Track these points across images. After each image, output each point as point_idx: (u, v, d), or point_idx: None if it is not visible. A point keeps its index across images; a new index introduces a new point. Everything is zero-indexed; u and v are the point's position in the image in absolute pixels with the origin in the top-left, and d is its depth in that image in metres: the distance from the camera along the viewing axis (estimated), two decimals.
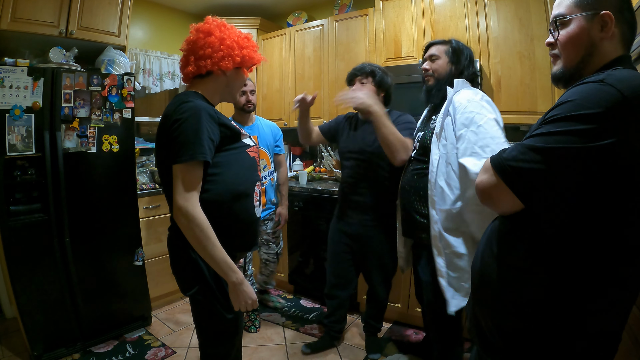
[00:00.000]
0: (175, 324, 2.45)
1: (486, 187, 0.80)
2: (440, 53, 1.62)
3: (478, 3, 2.22)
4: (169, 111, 1.13)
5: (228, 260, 1.11)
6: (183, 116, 1.08)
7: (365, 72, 1.85)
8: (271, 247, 2.39)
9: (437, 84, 1.61)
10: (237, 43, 1.21)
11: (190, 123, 1.07)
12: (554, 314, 0.75)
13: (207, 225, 1.08)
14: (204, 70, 1.19)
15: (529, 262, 0.78)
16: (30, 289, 1.92)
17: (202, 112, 1.09)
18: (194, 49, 1.19)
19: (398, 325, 2.37)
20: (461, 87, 1.52)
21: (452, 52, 1.60)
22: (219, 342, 1.24)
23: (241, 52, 1.21)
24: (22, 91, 1.86)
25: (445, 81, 1.58)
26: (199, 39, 1.18)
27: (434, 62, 1.63)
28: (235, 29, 1.24)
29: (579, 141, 0.67)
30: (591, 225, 0.72)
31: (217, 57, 1.17)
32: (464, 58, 1.58)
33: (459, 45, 1.60)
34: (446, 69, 1.60)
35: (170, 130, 1.09)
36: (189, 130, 1.06)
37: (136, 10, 2.80)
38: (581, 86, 0.72)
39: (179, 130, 1.07)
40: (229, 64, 1.19)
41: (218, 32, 1.19)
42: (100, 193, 2.16)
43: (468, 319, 0.99)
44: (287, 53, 3.17)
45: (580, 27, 0.79)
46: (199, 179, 1.09)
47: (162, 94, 3.20)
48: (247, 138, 1.29)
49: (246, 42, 1.24)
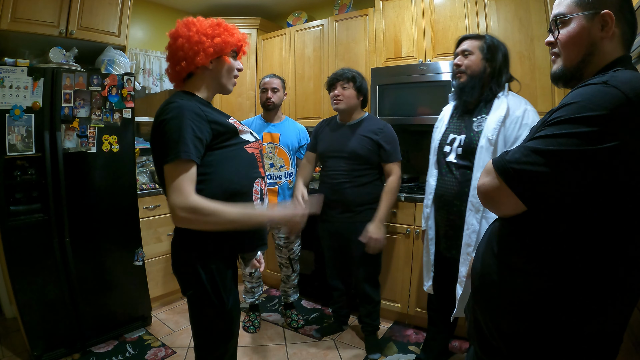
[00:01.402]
0: (175, 324, 2.45)
1: (488, 189, 0.80)
2: (473, 48, 1.53)
3: (478, 3, 2.22)
4: (157, 113, 1.14)
5: (247, 213, 1.12)
6: (167, 117, 1.08)
7: (347, 77, 1.96)
8: (282, 252, 2.37)
9: (471, 81, 1.52)
10: (205, 35, 1.18)
11: (174, 123, 1.06)
12: (555, 316, 0.75)
13: (208, 205, 1.05)
14: (184, 73, 1.20)
15: (530, 264, 0.78)
16: (30, 288, 1.91)
17: (186, 111, 1.08)
18: (170, 57, 1.21)
19: (398, 325, 2.37)
20: (506, 91, 1.49)
21: (486, 48, 1.51)
22: (213, 345, 1.23)
23: (213, 41, 1.18)
24: (22, 91, 1.86)
25: (479, 79, 1.51)
26: (170, 45, 1.20)
27: (466, 57, 1.54)
28: (203, 21, 1.21)
29: (583, 144, 0.66)
30: (594, 228, 0.72)
31: (189, 57, 1.17)
32: (500, 55, 1.51)
33: (494, 42, 1.52)
34: (480, 66, 1.52)
35: (158, 132, 1.10)
36: (173, 130, 1.06)
37: (136, 10, 2.80)
38: (585, 88, 0.71)
39: (164, 131, 1.07)
40: (202, 58, 1.17)
41: (185, 31, 1.18)
42: (100, 193, 2.16)
43: (468, 321, 0.99)
44: (287, 53, 3.16)
45: (580, 26, 0.79)
46: (188, 178, 1.06)
47: (162, 94, 3.20)
48: (247, 134, 1.26)
49: (217, 30, 1.20)
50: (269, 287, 3.05)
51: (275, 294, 2.90)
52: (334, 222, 2.04)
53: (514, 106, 1.44)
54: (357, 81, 1.97)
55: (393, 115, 2.48)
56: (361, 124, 2.01)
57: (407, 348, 2.13)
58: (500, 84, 1.51)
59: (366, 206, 1.97)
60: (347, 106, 1.98)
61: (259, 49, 3.32)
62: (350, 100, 1.98)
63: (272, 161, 2.22)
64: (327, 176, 2.05)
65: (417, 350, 2.09)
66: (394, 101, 2.49)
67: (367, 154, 1.95)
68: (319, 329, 2.31)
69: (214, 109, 1.21)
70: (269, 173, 2.18)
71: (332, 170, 2.03)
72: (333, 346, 2.18)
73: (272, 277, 2.99)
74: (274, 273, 2.89)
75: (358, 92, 1.99)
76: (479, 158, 1.46)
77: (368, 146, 1.94)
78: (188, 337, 2.27)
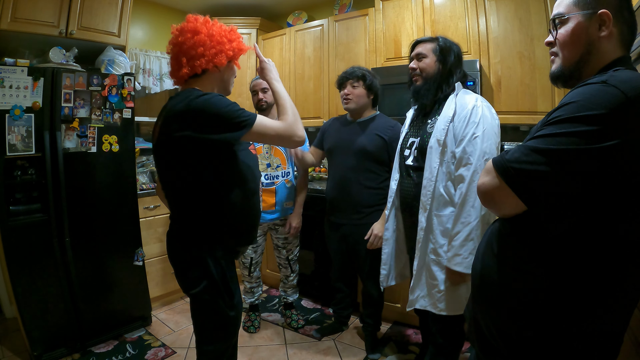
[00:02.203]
0: (175, 324, 2.45)
1: (488, 189, 0.79)
2: (427, 51, 1.55)
3: (478, 3, 2.22)
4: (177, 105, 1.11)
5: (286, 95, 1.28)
6: (212, 100, 1.09)
7: (357, 76, 1.94)
8: (281, 252, 2.37)
9: (426, 84, 1.55)
10: (226, 37, 1.21)
11: (224, 101, 1.11)
12: (555, 316, 0.75)
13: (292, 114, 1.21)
14: (200, 69, 1.18)
15: (531, 264, 0.78)
16: (30, 288, 1.92)
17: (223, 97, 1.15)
18: (184, 50, 1.18)
19: (398, 325, 2.37)
20: (459, 90, 1.50)
21: (439, 50, 1.53)
22: (218, 339, 1.25)
23: (231, 45, 1.22)
24: (22, 91, 1.86)
25: (434, 81, 1.54)
26: (187, 39, 1.17)
27: (420, 60, 1.56)
28: (219, 24, 1.23)
29: (583, 143, 0.66)
30: (595, 227, 0.72)
31: (211, 55, 1.17)
32: (452, 56, 1.52)
33: (446, 43, 1.53)
34: (434, 68, 1.54)
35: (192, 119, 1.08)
36: (227, 104, 1.11)
37: (136, 10, 2.80)
38: (584, 87, 0.71)
39: (218, 108, 1.09)
40: (222, 59, 1.19)
41: (205, 29, 1.18)
42: (100, 193, 2.16)
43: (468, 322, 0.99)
44: (287, 53, 3.17)
45: (578, 25, 0.79)
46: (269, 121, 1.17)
47: (162, 94, 3.20)
48: None
49: (233, 35, 1.24)
50: (268, 287, 3.05)
51: (275, 294, 2.90)
52: (343, 225, 2.02)
53: (461, 105, 1.43)
54: (367, 79, 1.95)
55: (393, 115, 2.47)
56: (372, 122, 1.99)
57: (407, 348, 2.13)
58: (450, 84, 1.52)
59: (375, 207, 1.94)
60: (357, 105, 1.97)
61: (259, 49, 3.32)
62: (360, 99, 1.96)
63: (268, 161, 2.21)
64: (335, 172, 2.04)
65: (417, 350, 2.09)
66: (394, 101, 2.49)
67: (377, 151, 1.92)
68: (319, 329, 2.32)
69: None
70: (267, 173, 2.17)
71: (340, 166, 2.01)
72: (333, 346, 2.18)
73: (272, 277, 2.99)
74: (274, 273, 2.89)
75: (368, 91, 1.97)
76: (429, 159, 1.48)
77: (378, 143, 1.92)
78: (188, 337, 2.27)
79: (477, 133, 1.37)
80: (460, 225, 1.38)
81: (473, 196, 1.35)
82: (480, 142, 1.36)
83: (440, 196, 1.47)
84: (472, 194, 1.35)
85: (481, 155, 1.35)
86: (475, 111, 1.40)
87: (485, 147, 1.36)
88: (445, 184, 1.46)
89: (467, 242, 1.37)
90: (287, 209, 2.26)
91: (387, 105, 2.51)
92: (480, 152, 1.36)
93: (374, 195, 1.94)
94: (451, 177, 1.45)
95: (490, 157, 1.31)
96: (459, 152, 1.40)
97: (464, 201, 1.38)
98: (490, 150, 1.36)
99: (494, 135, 1.39)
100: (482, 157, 1.35)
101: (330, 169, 2.10)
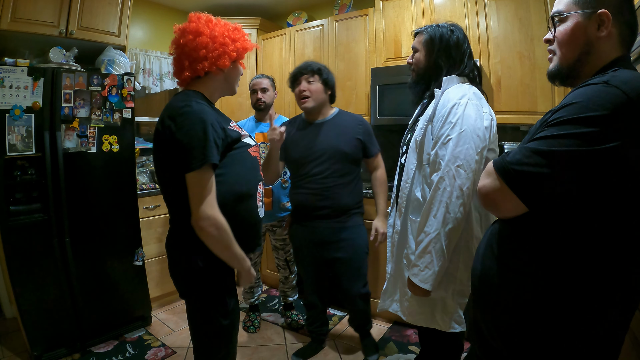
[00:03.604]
0: (175, 324, 2.45)
1: (489, 191, 0.79)
2: (418, 44, 1.41)
3: (478, 3, 2.22)
4: (170, 113, 1.09)
5: (242, 253, 1.13)
6: (187, 120, 1.04)
7: (312, 69, 1.81)
8: (279, 253, 2.36)
9: (417, 78, 1.43)
10: (229, 38, 1.17)
11: (196, 128, 1.03)
12: (555, 317, 0.75)
13: (227, 226, 1.07)
14: (202, 72, 1.16)
15: (530, 265, 0.78)
16: (30, 289, 1.92)
17: (207, 115, 1.06)
18: (186, 52, 1.15)
19: (398, 325, 2.37)
20: (448, 85, 1.31)
21: (425, 42, 1.38)
22: (214, 347, 1.22)
23: (235, 45, 1.18)
24: (22, 91, 1.86)
25: (423, 76, 1.40)
26: (189, 41, 1.13)
27: (414, 54, 1.43)
28: (222, 22, 1.20)
29: (584, 144, 0.66)
30: (595, 229, 0.71)
31: (214, 57, 1.14)
32: (436, 46, 1.34)
33: (435, 32, 1.36)
34: (423, 62, 1.39)
35: (173, 136, 1.05)
36: (196, 135, 1.03)
37: (136, 10, 2.80)
38: (585, 88, 0.71)
39: (187, 135, 1.03)
40: (226, 61, 1.16)
41: (207, 29, 1.14)
42: (100, 193, 2.16)
43: (468, 323, 0.98)
44: (287, 53, 3.16)
45: (576, 24, 0.79)
46: (213, 182, 1.07)
47: (162, 94, 3.20)
48: (248, 137, 1.26)
49: (237, 34, 1.20)
50: (268, 287, 3.05)
51: (275, 294, 2.89)
52: (322, 232, 1.84)
53: (443, 103, 1.27)
54: (323, 74, 1.81)
55: (393, 115, 2.49)
56: (336, 120, 1.86)
57: (407, 348, 2.13)
58: (438, 78, 1.36)
59: (355, 209, 1.86)
60: (316, 102, 1.81)
61: (259, 49, 3.32)
62: (319, 95, 1.81)
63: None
64: (311, 182, 1.82)
65: (417, 350, 2.08)
66: (394, 101, 2.49)
67: (354, 151, 1.82)
68: (299, 352, 2.07)
69: (220, 113, 1.21)
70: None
71: (316, 175, 1.81)
72: (333, 346, 2.18)
73: (272, 277, 2.98)
74: (274, 273, 2.89)
75: (325, 86, 1.82)
76: (407, 160, 1.40)
77: (353, 143, 1.82)
78: (188, 337, 2.27)
79: (452, 135, 1.19)
80: (422, 235, 1.24)
81: (436, 205, 1.19)
82: (453, 145, 1.18)
83: (415, 200, 1.36)
84: (435, 203, 1.20)
85: (451, 161, 1.17)
86: (454, 110, 1.21)
87: (458, 152, 1.17)
88: (422, 187, 1.34)
89: (425, 254, 1.22)
90: (284, 210, 2.27)
91: (387, 106, 2.51)
92: (450, 157, 1.18)
93: (355, 196, 1.85)
94: (427, 181, 1.32)
95: (463, 163, 1.16)
96: (433, 155, 1.26)
97: (426, 209, 1.23)
98: (466, 155, 1.16)
99: (475, 139, 1.18)
100: (453, 163, 1.17)
101: (301, 178, 1.86)
